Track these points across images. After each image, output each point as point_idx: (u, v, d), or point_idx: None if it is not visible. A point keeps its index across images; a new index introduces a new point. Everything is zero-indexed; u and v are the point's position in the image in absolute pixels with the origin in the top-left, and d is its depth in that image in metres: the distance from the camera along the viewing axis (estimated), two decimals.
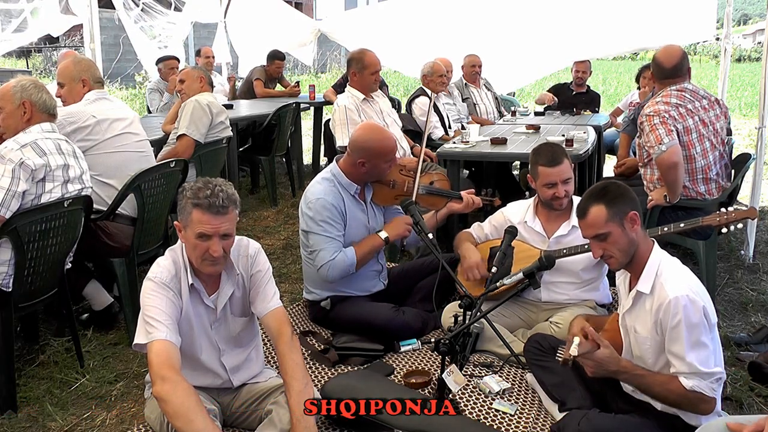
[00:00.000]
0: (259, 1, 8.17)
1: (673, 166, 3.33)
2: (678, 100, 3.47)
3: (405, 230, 3.14)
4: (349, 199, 3.12)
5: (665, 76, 3.59)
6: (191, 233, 2.15)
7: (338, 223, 3.04)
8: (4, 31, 6.17)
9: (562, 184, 2.95)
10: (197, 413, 1.98)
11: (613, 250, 2.18)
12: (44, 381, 2.99)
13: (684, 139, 3.42)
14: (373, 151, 3.06)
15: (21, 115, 2.89)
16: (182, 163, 3.64)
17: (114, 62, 14.19)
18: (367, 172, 3.10)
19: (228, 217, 2.15)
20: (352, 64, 4.42)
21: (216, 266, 2.21)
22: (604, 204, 2.16)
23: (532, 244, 3.05)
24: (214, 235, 2.13)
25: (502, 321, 2.99)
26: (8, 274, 2.73)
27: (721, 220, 2.70)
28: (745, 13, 71.04)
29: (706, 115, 3.50)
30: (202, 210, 2.12)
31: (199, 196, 2.12)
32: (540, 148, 3.08)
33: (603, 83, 18.67)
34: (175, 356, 2.08)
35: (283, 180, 6.82)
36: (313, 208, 3.02)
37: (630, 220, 2.15)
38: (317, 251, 3.02)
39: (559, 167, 2.94)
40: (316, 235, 3.02)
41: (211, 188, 2.13)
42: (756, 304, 3.78)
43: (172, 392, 1.98)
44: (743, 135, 9.92)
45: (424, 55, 5.96)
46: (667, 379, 2.10)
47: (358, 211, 3.15)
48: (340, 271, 3.01)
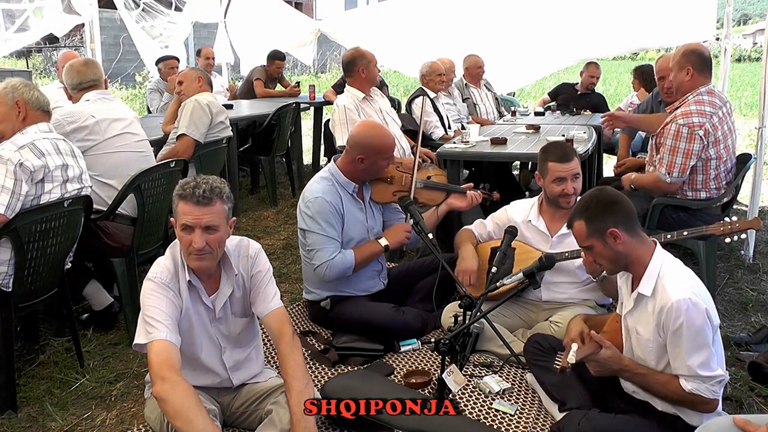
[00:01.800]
0: (259, 1, 8.17)
1: (661, 192, 3.48)
2: (711, 107, 3.37)
3: (404, 237, 3.17)
4: (347, 197, 3.13)
5: (708, 65, 3.47)
6: (178, 225, 2.18)
7: (336, 222, 3.04)
8: (8, 30, 6.16)
9: (572, 180, 2.96)
10: (197, 413, 1.98)
11: (601, 260, 2.21)
12: (44, 381, 2.99)
13: (712, 151, 3.37)
14: (373, 148, 3.07)
15: (16, 115, 2.88)
16: (182, 163, 3.64)
17: (114, 62, 14.19)
18: (365, 169, 3.10)
19: (212, 209, 2.14)
20: (358, 63, 4.38)
21: (202, 261, 2.19)
22: (583, 220, 2.18)
23: (534, 243, 3.05)
24: (195, 226, 2.13)
25: (502, 321, 2.99)
26: (8, 274, 2.73)
27: (724, 229, 2.70)
28: (745, 13, 71.02)
29: (730, 121, 3.48)
30: (186, 201, 2.14)
31: (183, 188, 2.15)
32: (549, 146, 3.12)
33: (603, 83, 18.63)
34: (175, 356, 2.09)
35: (283, 180, 6.82)
36: (312, 207, 3.02)
37: (610, 236, 2.14)
38: (315, 250, 3.02)
39: (569, 164, 2.97)
40: (314, 234, 3.02)
41: (196, 181, 2.15)
42: (756, 304, 3.78)
43: (171, 392, 1.98)
44: (743, 135, 9.91)
45: (424, 55, 5.96)
46: (667, 379, 2.10)
47: (356, 210, 3.16)
48: (337, 271, 3.01)
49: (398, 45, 7.41)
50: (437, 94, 5.64)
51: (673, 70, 3.54)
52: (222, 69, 8.26)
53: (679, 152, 3.35)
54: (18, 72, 12.34)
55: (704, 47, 3.55)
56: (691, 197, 3.49)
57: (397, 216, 3.37)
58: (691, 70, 3.43)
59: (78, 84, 3.55)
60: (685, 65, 3.45)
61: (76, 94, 3.55)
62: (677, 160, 3.36)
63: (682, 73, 3.46)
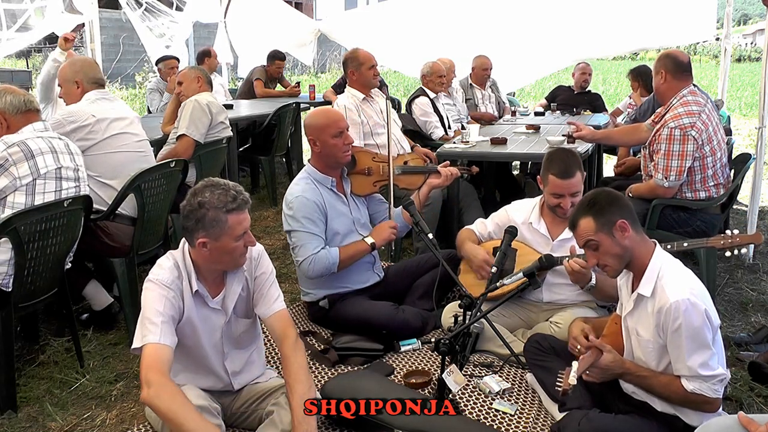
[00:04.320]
0: (259, 1, 8.17)
1: (656, 195, 3.48)
2: (697, 106, 3.41)
3: (390, 234, 3.20)
4: (328, 193, 3.15)
5: (684, 69, 3.52)
6: (229, 239, 2.14)
7: (319, 219, 3.06)
8: (9, 30, 6.16)
9: (570, 196, 2.89)
10: (185, 415, 1.95)
11: (606, 259, 2.19)
12: (44, 381, 2.99)
13: (706, 148, 3.39)
14: (316, 126, 3.10)
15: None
16: (182, 163, 3.64)
17: (114, 62, 14.19)
18: (321, 151, 3.11)
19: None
20: (348, 64, 4.47)
21: (245, 257, 2.26)
22: (591, 215, 2.18)
23: (535, 246, 3.03)
24: (248, 227, 2.19)
25: (502, 321, 2.99)
26: (8, 274, 2.73)
27: (725, 243, 2.69)
28: (745, 13, 71.02)
29: (714, 118, 3.50)
30: (239, 211, 2.14)
31: (227, 203, 2.12)
32: (554, 156, 2.98)
33: (603, 83, 18.66)
34: (164, 359, 2.05)
35: (283, 180, 6.82)
36: (293, 207, 3.05)
37: (619, 228, 2.15)
38: (299, 246, 3.03)
39: (570, 180, 2.87)
40: (297, 232, 3.04)
41: (228, 189, 2.15)
42: (756, 304, 3.78)
43: (156, 396, 1.96)
44: (743, 135, 9.92)
45: (424, 55, 5.96)
46: (669, 380, 2.10)
47: (339, 204, 3.18)
48: (321, 267, 3.01)
49: (398, 45, 7.42)
50: (437, 95, 5.64)
51: (653, 75, 3.66)
52: (222, 69, 8.26)
53: (674, 155, 3.37)
54: (18, 72, 12.34)
55: (681, 53, 3.62)
56: (690, 198, 3.49)
57: (383, 207, 3.40)
58: (665, 73, 3.53)
59: (99, 78, 3.56)
60: (659, 69, 3.56)
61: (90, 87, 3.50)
62: (673, 164, 3.37)
63: (657, 77, 3.59)
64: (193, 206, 2.13)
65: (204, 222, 2.11)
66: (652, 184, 3.50)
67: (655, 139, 3.48)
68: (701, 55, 34.65)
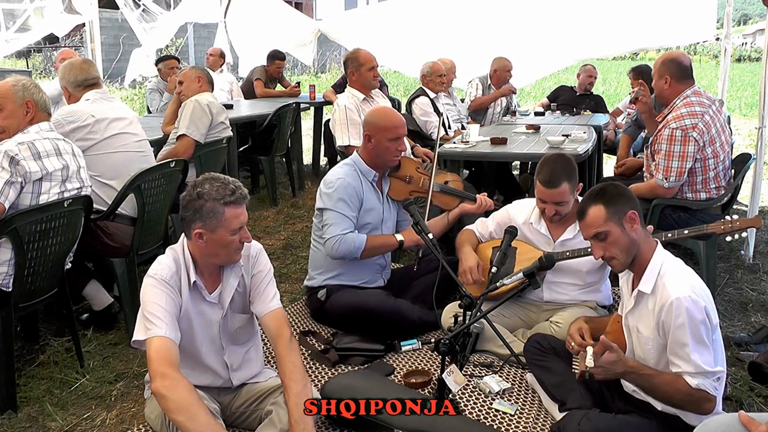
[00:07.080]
0: (259, 1, 8.17)
1: (656, 195, 3.48)
2: (701, 107, 3.40)
3: (420, 239, 3.17)
4: (368, 185, 3.25)
5: (687, 74, 3.52)
6: (225, 232, 2.17)
7: (354, 203, 3.14)
8: (8, 30, 6.17)
9: (554, 205, 2.91)
10: (199, 408, 1.97)
11: (613, 250, 2.17)
12: (44, 381, 2.99)
13: (708, 150, 3.39)
14: (377, 125, 3.19)
15: (24, 115, 2.89)
16: (182, 163, 3.64)
17: (114, 62, 14.17)
18: (373, 148, 3.20)
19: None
20: (349, 65, 4.49)
21: (241, 251, 2.28)
22: (602, 203, 2.17)
23: (536, 245, 3.04)
24: (245, 222, 2.22)
25: (502, 321, 2.99)
26: (8, 274, 2.73)
27: (725, 228, 2.69)
28: (745, 13, 71.06)
29: (720, 120, 3.49)
30: (236, 205, 2.17)
31: (225, 196, 2.15)
32: (546, 162, 2.95)
33: (603, 83, 18.66)
34: (174, 353, 2.08)
35: (283, 180, 6.82)
36: (333, 186, 3.13)
37: (629, 219, 2.16)
38: (329, 225, 3.10)
39: (552, 191, 2.86)
40: (331, 211, 3.11)
41: (227, 183, 2.19)
42: (756, 304, 3.78)
43: (172, 388, 1.97)
44: (743, 135, 9.92)
45: (424, 55, 5.97)
46: (672, 378, 2.09)
47: (374, 199, 3.27)
48: (346, 249, 3.06)
49: (398, 45, 7.42)
50: (437, 94, 5.64)
51: (654, 77, 3.64)
52: (222, 69, 8.25)
53: (675, 156, 3.36)
54: (18, 72, 12.32)
55: (683, 56, 3.63)
56: (690, 198, 3.49)
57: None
58: (669, 78, 3.53)
59: (83, 81, 3.53)
60: (663, 74, 3.55)
61: (77, 92, 3.53)
62: (673, 165, 3.37)
63: (660, 81, 3.56)
64: (192, 197, 2.17)
65: (201, 213, 2.15)
66: (652, 183, 3.50)
67: (656, 138, 3.48)
68: (701, 55, 34.66)
